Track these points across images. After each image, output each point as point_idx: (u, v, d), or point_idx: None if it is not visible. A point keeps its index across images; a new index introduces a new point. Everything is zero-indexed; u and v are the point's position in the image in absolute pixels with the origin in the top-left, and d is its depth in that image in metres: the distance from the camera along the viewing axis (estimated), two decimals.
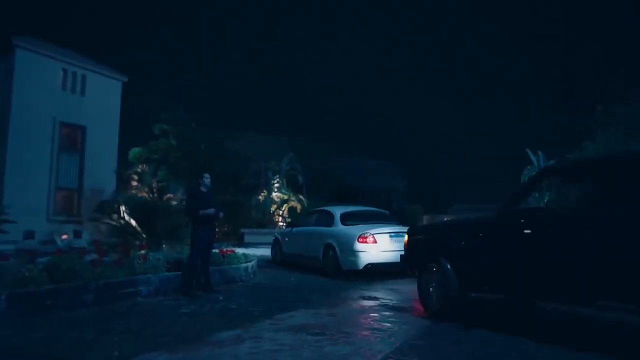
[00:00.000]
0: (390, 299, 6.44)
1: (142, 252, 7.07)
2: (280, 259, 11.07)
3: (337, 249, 8.66)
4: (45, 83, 19.39)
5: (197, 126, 27.31)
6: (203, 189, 6.66)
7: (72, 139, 20.81)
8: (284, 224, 21.22)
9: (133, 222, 9.07)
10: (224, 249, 8.44)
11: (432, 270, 5.24)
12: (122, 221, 9.18)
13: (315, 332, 4.38)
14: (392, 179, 28.94)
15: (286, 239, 11.04)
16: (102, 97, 21.48)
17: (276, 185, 22.23)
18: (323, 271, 9.05)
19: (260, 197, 21.91)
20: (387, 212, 10.65)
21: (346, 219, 9.21)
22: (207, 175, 6.73)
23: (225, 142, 27.55)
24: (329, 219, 9.46)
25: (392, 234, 8.35)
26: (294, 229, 10.96)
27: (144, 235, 8.99)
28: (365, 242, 8.24)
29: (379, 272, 8.52)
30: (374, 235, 8.30)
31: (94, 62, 21.90)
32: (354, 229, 8.63)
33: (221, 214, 6.67)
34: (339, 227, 9.03)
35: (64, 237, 16.45)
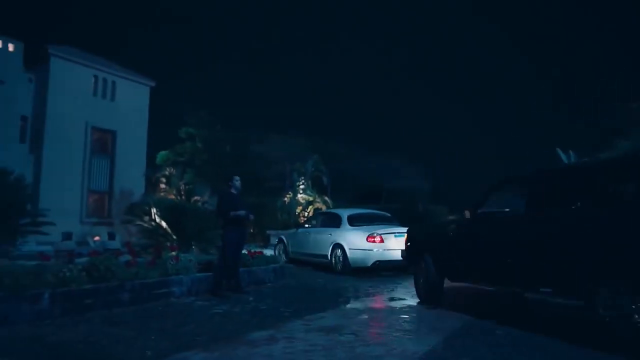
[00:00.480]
0: (418, 300, 6.41)
1: (173, 253, 7.24)
2: (285, 258, 11.57)
3: (346, 247, 9.31)
4: (78, 89, 20.07)
5: (222, 129, 27.71)
6: (233, 191, 6.78)
7: (103, 143, 21.46)
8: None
9: (164, 224, 9.30)
10: (252, 251, 8.56)
11: (421, 264, 6.21)
12: (153, 223, 9.42)
13: (346, 332, 4.42)
14: (417, 179, 28.68)
15: (291, 240, 11.54)
16: (131, 102, 22.10)
17: (301, 186, 22.33)
18: (330, 268, 9.67)
19: (285, 198, 22.05)
20: (389, 214, 11.24)
21: (353, 220, 9.88)
22: (237, 177, 6.85)
23: (250, 144, 27.85)
24: (336, 221, 10.08)
25: (397, 234, 8.95)
26: (299, 230, 11.49)
27: (174, 237, 9.19)
28: (374, 241, 8.95)
29: (397, 273, 8.98)
30: (381, 235, 8.99)
31: (123, 68, 22.50)
32: (361, 230, 9.33)
33: (251, 216, 6.77)
34: (347, 228, 9.66)
35: (96, 238, 16.96)
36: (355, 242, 9.16)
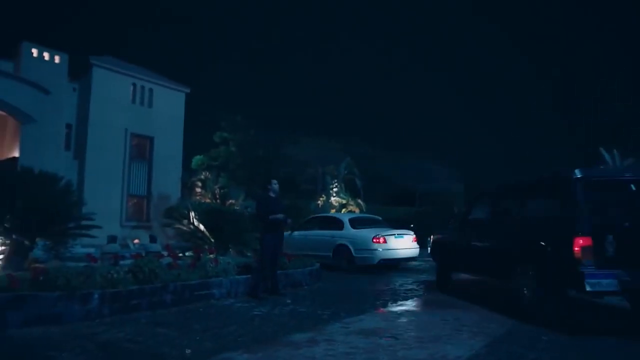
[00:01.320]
0: (461, 304, 6.31)
1: (212, 256, 7.41)
2: None
3: (351, 248, 10.22)
4: (117, 97, 20.79)
5: (256, 133, 28.09)
6: (272, 194, 6.86)
7: (141, 148, 22.12)
8: None
9: (202, 227, 9.48)
10: (289, 254, 8.64)
11: (438, 260, 8.35)
12: (191, 226, 9.62)
13: (387, 335, 4.40)
14: (449, 182, 28.18)
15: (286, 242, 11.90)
16: (167, 109, 22.70)
17: (334, 189, 22.37)
18: (332, 267, 10.44)
19: (319, 201, 22.14)
20: (380, 217, 12.26)
21: (355, 223, 10.86)
22: (275, 181, 6.93)
23: (283, 148, 28.11)
24: (338, 224, 11.05)
25: (396, 235, 10.36)
26: (294, 233, 11.80)
27: (212, 240, 9.37)
28: (378, 242, 10.04)
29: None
30: (384, 236, 10.12)
31: (160, 75, 23.16)
32: (366, 232, 10.33)
33: (289, 220, 6.84)
34: (350, 231, 10.57)
35: (136, 241, 17.50)
36: (361, 243, 10.17)
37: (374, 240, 10.01)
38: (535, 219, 5.49)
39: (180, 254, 8.04)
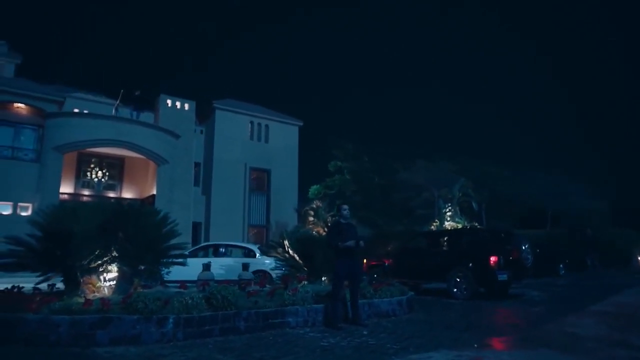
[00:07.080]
0: (563, 344, 5.40)
1: (304, 283, 7.49)
2: None
3: (270, 273, 11.42)
4: (237, 135, 22.79)
5: (369, 159, 28.22)
6: (342, 220, 6.77)
7: (260, 181, 23.75)
8: None
9: (295, 256, 9.68)
10: (376, 282, 8.37)
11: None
12: (286, 254, 9.88)
13: None
14: (589, 200, 24.61)
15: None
16: (282, 142, 24.15)
17: (448, 213, 21.22)
18: None
19: (432, 226, 21.19)
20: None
21: (262, 252, 12.65)
22: (344, 207, 6.85)
23: (397, 172, 27.69)
24: (250, 253, 12.84)
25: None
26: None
27: (304, 268, 9.49)
28: None
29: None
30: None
31: (274, 112, 24.83)
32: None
33: (362, 243, 6.62)
34: (265, 258, 12.04)
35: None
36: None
37: None
38: (477, 245, 11.16)
39: (272, 281, 8.27)
